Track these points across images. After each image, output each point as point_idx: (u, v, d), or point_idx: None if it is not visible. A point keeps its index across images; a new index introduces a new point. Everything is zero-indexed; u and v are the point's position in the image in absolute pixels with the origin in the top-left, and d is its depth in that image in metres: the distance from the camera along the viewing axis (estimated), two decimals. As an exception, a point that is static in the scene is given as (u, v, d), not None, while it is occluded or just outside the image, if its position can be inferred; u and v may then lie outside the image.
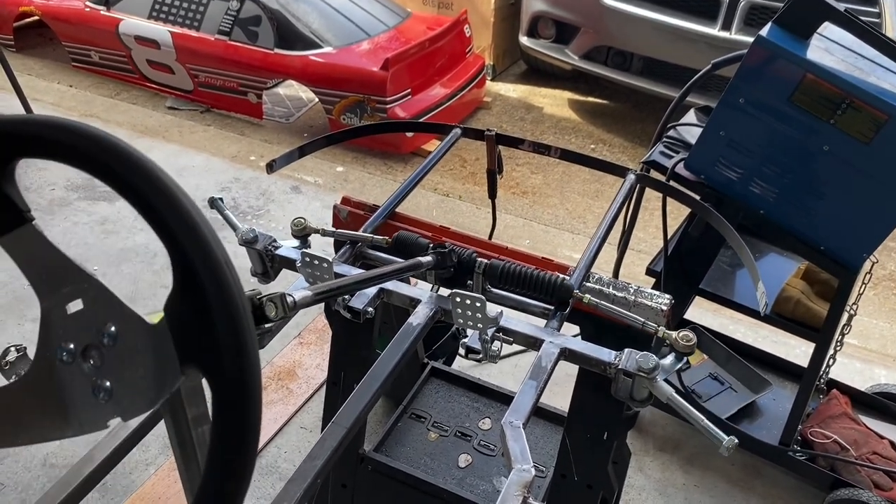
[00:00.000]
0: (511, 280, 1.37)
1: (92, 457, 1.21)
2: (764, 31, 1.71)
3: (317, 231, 1.49)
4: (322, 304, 2.65)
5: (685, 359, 1.25)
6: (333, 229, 1.52)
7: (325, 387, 2.14)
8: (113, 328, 0.64)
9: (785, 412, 2.15)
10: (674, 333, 1.22)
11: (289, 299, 0.87)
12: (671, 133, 2.10)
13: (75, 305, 0.66)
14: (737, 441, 1.09)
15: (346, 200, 1.73)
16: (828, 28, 1.75)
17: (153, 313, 0.68)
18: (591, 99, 5.20)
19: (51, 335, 0.67)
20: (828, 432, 2.17)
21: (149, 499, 2.15)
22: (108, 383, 0.64)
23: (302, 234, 1.49)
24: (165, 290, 0.60)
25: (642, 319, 1.27)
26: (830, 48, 1.73)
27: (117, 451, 1.21)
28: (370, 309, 1.35)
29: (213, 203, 1.46)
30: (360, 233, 1.54)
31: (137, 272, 3.03)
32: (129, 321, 0.63)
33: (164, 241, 0.56)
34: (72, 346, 0.66)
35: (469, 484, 1.77)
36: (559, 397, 1.91)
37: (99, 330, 0.64)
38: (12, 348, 1.13)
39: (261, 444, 2.31)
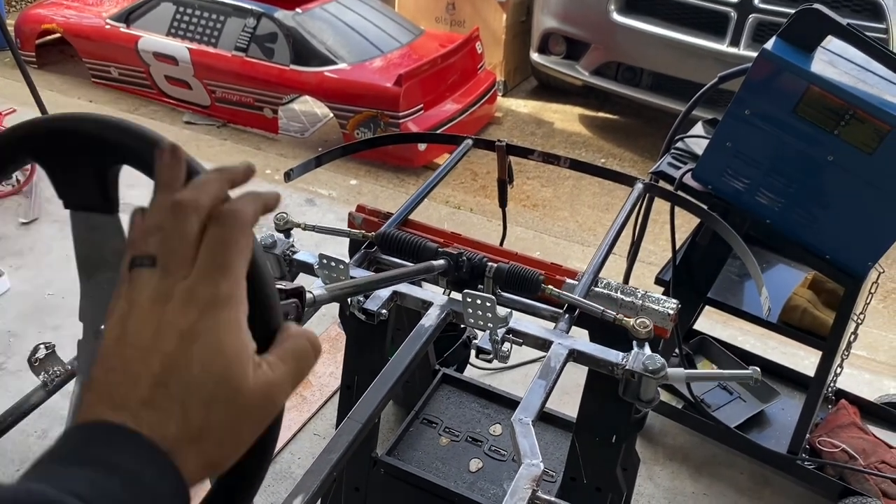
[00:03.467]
0: (520, 283, 1.41)
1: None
2: (769, 45, 1.75)
3: (298, 225, 1.55)
4: (336, 314, 2.70)
5: (646, 345, 1.28)
6: (314, 224, 1.59)
7: (338, 393, 2.18)
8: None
9: (793, 421, 2.16)
10: (631, 321, 1.26)
11: (307, 296, 0.92)
12: (679, 145, 2.14)
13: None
14: (759, 372, 1.17)
15: (360, 208, 1.78)
16: (832, 42, 1.79)
17: None
18: (601, 114, 5.24)
19: (95, 322, 0.71)
20: (836, 441, 2.19)
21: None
22: None
23: (285, 228, 1.55)
24: None
25: (601, 308, 1.31)
26: (834, 61, 1.77)
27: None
28: (384, 311, 1.40)
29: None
30: (340, 228, 1.60)
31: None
32: None
33: None
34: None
35: (480, 488, 1.80)
36: (569, 407, 1.94)
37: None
38: (42, 346, 1.18)
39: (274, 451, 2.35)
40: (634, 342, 1.24)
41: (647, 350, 1.23)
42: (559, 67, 4.79)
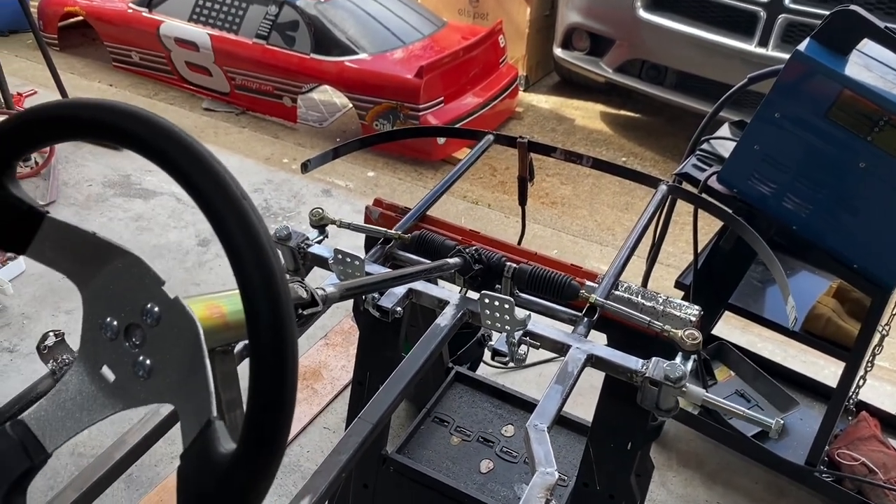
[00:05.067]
0: (539, 285, 1.37)
1: (119, 445, 1.23)
2: (802, 46, 1.70)
3: (334, 222, 1.51)
4: (349, 306, 2.67)
5: (693, 358, 1.25)
6: (349, 222, 1.54)
7: (349, 387, 2.16)
8: (156, 308, 0.65)
9: (812, 432, 2.12)
10: (679, 332, 1.21)
11: (320, 292, 0.89)
12: (704, 146, 2.09)
13: (116, 284, 0.67)
14: (783, 422, 1.09)
15: (378, 202, 1.75)
16: (867, 45, 1.74)
17: (198, 298, 0.70)
18: (623, 112, 5.19)
19: (95, 314, 0.69)
20: (856, 454, 2.14)
21: (173, 491, 2.18)
22: (148, 361, 0.66)
23: (320, 223, 1.52)
24: (196, 287, 0.62)
25: (648, 319, 1.27)
26: (869, 65, 1.72)
27: (144, 440, 1.24)
28: (399, 308, 1.37)
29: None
30: (378, 227, 1.56)
31: (170, 268, 3.08)
32: (169, 303, 0.65)
33: (213, 225, 0.58)
34: (115, 322, 0.67)
35: (490, 489, 1.77)
36: (582, 408, 1.91)
37: (141, 309, 0.66)
38: (51, 334, 1.17)
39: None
40: (679, 354, 1.20)
41: (679, 360, 1.19)
42: (582, 64, 4.73)
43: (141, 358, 0.66)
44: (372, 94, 4.19)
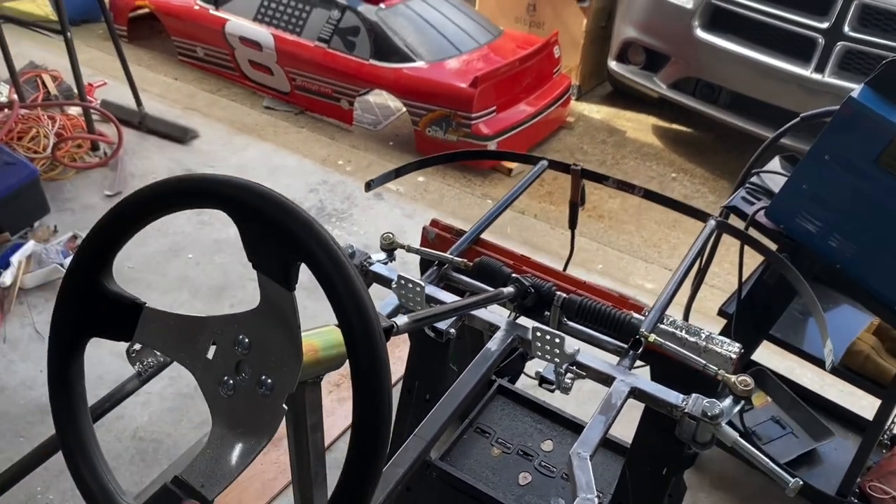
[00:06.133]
0: (588, 316, 1.45)
1: (193, 453, 1.34)
2: (855, 93, 1.75)
3: (402, 246, 1.61)
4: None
5: (742, 402, 1.31)
6: (418, 247, 1.64)
7: (395, 389, 2.26)
8: (245, 339, 0.76)
9: (845, 463, 2.15)
10: (732, 377, 1.28)
11: (393, 328, 0.99)
12: (754, 179, 2.14)
13: (210, 351, 0.78)
14: (801, 483, 1.14)
15: (434, 223, 1.84)
16: (921, 93, 1.77)
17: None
18: (675, 126, 5.20)
19: (210, 383, 0.78)
20: (888, 488, 2.17)
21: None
22: (263, 377, 0.75)
23: (389, 248, 1.62)
24: (253, 282, 0.73)
25: (704, 362, 1.34)
26: (922, 113, 1.75)
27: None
28: (452, 330, 1.46)
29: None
30: (444, 254, 1.65)
31: (228, 263, 3.22)
32: (253, 326, 0.75)
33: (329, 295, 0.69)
34: (227, 378, 0.77)
35: (527, 501, 1.85)
36: (620, 425, 1.98)
37: (235, 347, 0.76)
38: (138, 340, 1.28)
39: (331, 440, 2.44)
40: (730, 397, 1.27)
41: (729, 402, 1.26)
42: (637, 78, 4.76)
43: (262, 377, 0.75)
44: (426, 101, 4.29)
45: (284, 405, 0.74)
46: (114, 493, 0.81)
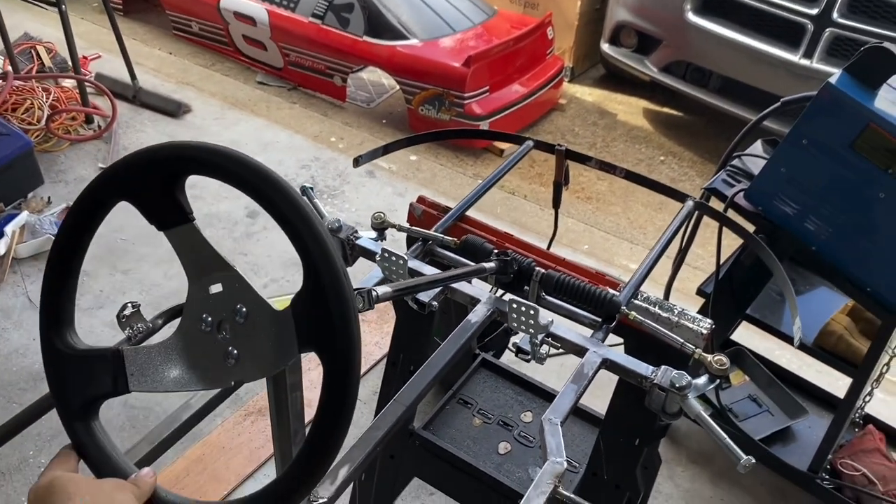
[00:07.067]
0: (564, 291, 1.50)
1: (185, 408, 1.40)
2: (833, 79, 1.79)
3: (393, 226, 1.65)
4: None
5: (717, 381, 1.37)
6: (408, 226, 1.68)
7: (384, 364, 2.31)
8: (244, 309, 0.81)
9: (818, 440, 2.22)
10: (709, 356, 1.33)
11: (373, 294, 1.03)
12: (735, 162, 2.19)
13: (216, 288, 0.83)
14: (754, 460, 1.19)
15: (421, 200, 1.89)
16: (897, 80, 1.82)
17: (277, 298, 0.85)
18: (665, 110, 5.23)
19: (195, 308, 0.84)
20: (858, 465, 2.24)
21: (214, 446, 2.37)
22: (235, 351, 0.81)
23: (380, 227, 1.66)
24: (244, 257, 0.79)
25: (682, 340, 1.39)
26: (897, 100, 1.80)
27: (208, 405, 1.40)
28: (434, 303, 1.50)
29: (304, 191, 1.64)
30: (431, 232, 1.69)
31: (219, 237, 3.26)
32: (259, 305, 0.80)
33: (302, 258, 0.74)
34: (210, 318, 0.83)
35: (506, 470, 1.91)
36: (599, 399, 2.04)
37: (232, 309, 0.81)
38: (129, 304, 1.34)
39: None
40: (706, 375, 1.32)
41: (705, 380, 1.31)
42: (628, 60, 4.79)
43: (230, 348, 0.81)
44: (420, 79, 4.31)
45: (235, 383, 0.82)
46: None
